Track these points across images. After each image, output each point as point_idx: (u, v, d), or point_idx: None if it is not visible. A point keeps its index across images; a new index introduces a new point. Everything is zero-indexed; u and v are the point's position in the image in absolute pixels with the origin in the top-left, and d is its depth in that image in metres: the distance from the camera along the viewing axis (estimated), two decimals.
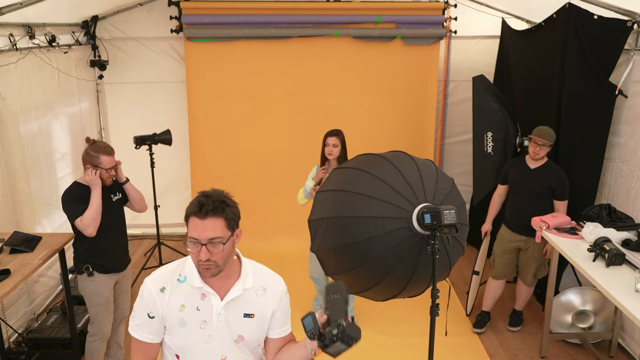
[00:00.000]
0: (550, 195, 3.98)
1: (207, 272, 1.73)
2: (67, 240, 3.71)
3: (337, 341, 1.63)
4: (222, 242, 1.70)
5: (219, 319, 1.80)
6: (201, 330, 1.80)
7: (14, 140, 4.14)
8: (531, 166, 4.05)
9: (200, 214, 1.68)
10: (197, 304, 1.80)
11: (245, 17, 5.36)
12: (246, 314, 1.83)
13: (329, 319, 1.69)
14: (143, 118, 5.75)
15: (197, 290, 1.80)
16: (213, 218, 1.68)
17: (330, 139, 3.92)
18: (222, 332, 1.81)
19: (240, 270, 1.85)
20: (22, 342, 3.97)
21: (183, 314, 1.79)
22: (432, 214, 2.10)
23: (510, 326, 4.38)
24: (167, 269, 1.86)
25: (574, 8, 4.03)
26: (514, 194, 4.20)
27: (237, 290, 1.81)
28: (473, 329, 4.36)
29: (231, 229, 1.74)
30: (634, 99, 3.93)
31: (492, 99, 4.81)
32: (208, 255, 1.69)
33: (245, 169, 5.79)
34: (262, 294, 1.86)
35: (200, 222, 1.68)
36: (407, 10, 5.45)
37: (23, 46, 4.16)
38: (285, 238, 5.74)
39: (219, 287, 1.81)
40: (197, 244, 1.68)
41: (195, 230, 1.69)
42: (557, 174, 3.98)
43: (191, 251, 1.72)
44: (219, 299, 1.80)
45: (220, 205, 1.70)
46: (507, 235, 4.20)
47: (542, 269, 4.17)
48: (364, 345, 4.11)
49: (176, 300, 1.79)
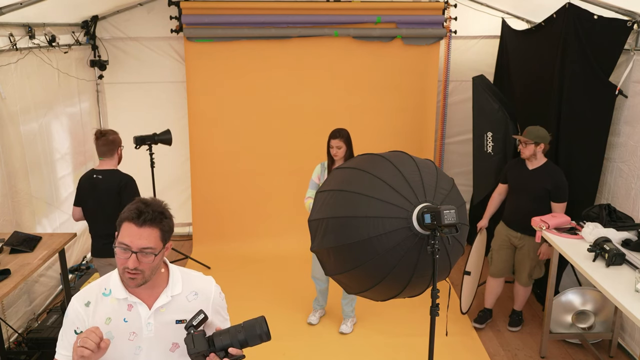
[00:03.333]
0: (547, 196, 3.96)
1: (132, 282, 1.68)
2: (67, 240, 3.72)
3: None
4: (153, 254, 1.66)
5: (149, 328, 1.76)
6: (130, 342, 1.76)
7: (14, 140, 4.14)
8: (529, 167, 4.04)
9: (137, 222, 1.63)
10: (124, 316, 1.76)
11: (245, 17, 5.36)
12: (178, 320, 1.79)
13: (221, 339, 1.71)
14: (143, 118, 5.75)
15: (122, 301, 1.76)
16: (150, 228, 1.64)
17: (333, 141, 3.89)
18: (154, 342, 1.77)
19: (167, 278, 1.82)
20: (22, 342, 3.97)
21: (110, 327, 1.75)
22: (432, 214, 2.09)
23: (510, 326, 4.38)
24: (92, 284, 1.82)
25: (574, 8, 4.03)
26: (513, 193, 4.21)
27: (165, 298, 1.78)
28: (473, 323, 4.39)
29: (164, 241, 1.70)
30: (634, 99, 3.93)
31: (492, 99, 4.81)
32: (136, 264, 1.64)
33: (245, 168, 5.79)
34: (193, 298, 1.82)
35: (136, 230, 1.63)
36: (407, 10, 5.45)
37: (23, 46, 4.16)
38: (286, 238, 5.74)
39: (146, 296, 1.77)
40: (127, 250, 1.64)
41: (128, 236, 1.64)
42: (554, 175, 3.95)
43: (118, 257, 1.67)
44: (147, 308, 1.76)
45: (159, 216, 1.66)
46: (504, 230, 4.22)
47: (537, 269, 4.17)
48: (364, 345, 4.13)
49: (101, 314, 1.76)
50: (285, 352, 4.00)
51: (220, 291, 1.91)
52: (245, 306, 4.05)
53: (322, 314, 4.50)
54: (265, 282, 5.12)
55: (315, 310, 4.46)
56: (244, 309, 3.05)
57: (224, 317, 1.94)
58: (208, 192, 5.80)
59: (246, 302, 4.49)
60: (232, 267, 5.40)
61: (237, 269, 5.38)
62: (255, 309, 4.59)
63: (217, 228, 5.83)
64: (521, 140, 3.97)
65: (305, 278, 4.91)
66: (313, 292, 4.60)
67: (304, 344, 4.14)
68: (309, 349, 4.08)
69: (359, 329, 4.35)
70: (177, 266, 1.89)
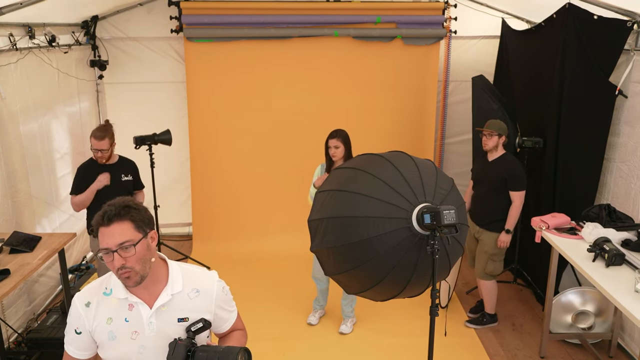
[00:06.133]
0: (504, 186, 4.05)
1: (129, 281, 1.68)
2: (67, 240, 3.72)
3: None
4: (132, 245, 1.66)
5: (151, 327, 1.77)
6: (132, 341, 1.77)
7: (14, 140, 4.14)
8: (490, 159, 4.18)
9: (104, 222, 1.65)
10: (125, 315, 1.77)
11: (245, 17, 5.36)
12: (180, 318, 1.80)
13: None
14: (143, 118, 5.75)
15: (123, 301, 1.78)
16: (118, 223, 1.66)
17: (331, 141, 3.90)
18: (156, 342, 1.78)
19: (167, 276, 1.82)
20: (21, 342, 3.97)
21: (111, 327, 1.77)
22: (432, 214, 2.09)
23: (467, 322, 4.42)
24: (94, 283, 1.84)
25: (574, 8, 4.03)
26: (475, 186, 4.35)
27: (165, 297, 1.78)
28: (468, 313, 4.54)
29: (142, 231, 1.70)
30: (634, 99, 3.93)
31: (492, 99, 4.81)
32: (122, 261, 1.65)
33: (245, 168, 5.79)
34: (195, 296, 1.83)
35: (107, 230, 1.65)
36: (407, 10, 5.45)
37: (23, 46, 4.16)
38: (286, 238, 5.74)
39: (147, 295, 1.79)
40: (108, 252, 1.65)
41: (103, 239, 1.65)
42: (509, 164, 4.07)
43: (107, 264, 1.68)
44: (148, 308, 1.77)
45: (124, 210, 1.67)
46: (470, 223, 4.31)
47: (490, 264, 4.20)
48: (364, 345, 4.13)
49: (102, 314, 1.77)
50: (285, 352, 4.00)
51: (224, 285, 1.92)
52: (245, 306, 4.04)
53: (322, 314, 4.50)
54: (265, 282, 5.12)
55: (315, 310, 4.46)
56: (244, 309, 3.05)
57: (229, 310, 1.95)
58: (208, 192, 5.80)
59: (246, 302, 4.49)
60: (232, 267, 5.40)
61: (237, 268, 5.38)
62: (256, 308, 4.59)
63: (217, 228, 5.83)
64: (485, 133, 4.10)
65: (305, 278, 4.91)
66: (313, 292, 4.60)
67: (304, 344, 4.14)
68: (309, 349, 4.08)
69: (358, 329, 4.35)
70: (177, 263, 1.89)
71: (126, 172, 4.07)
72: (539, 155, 4.59)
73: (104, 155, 3.89)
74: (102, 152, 3.88)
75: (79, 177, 3.96)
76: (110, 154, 3.94)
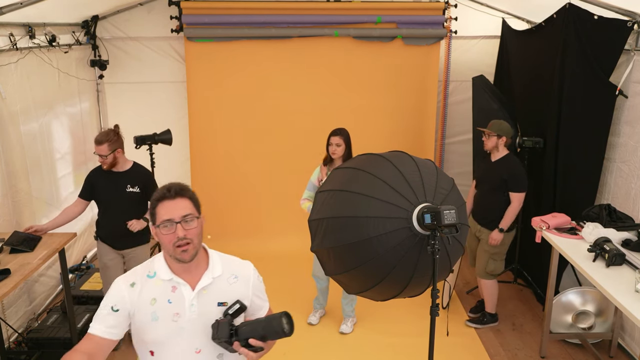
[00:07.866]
0: (504, 186, 4.06)
1: (185, 254, 1.75)
2: (67, 240, 3.72)
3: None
4: (195, 217, 1.77)
5: (192, 310, 1.81)
6: (174, 323, 1.80)
7: (14, 140, 4.14)
8: (492, 159, 4.18)
9: (170, 195, 1.75)
10: (169, 297, 1.81)
11: (245, 17, 5.36)
12: (220, 302, 1.85)
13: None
14: (143, 118, 5.75)
15: (167, 283, 1.82)
16: (182, 198, 1.77)
17: (333, 138, 3.93)
18: (196, 324, 1.81)
19: (207, 260, 1.89)
20: (22, 342, 3.97)
21: (154, 308, 1.80)
22: (432, 214, 2.10)
23: (468, 321, 4.43)
24: (136, 268, 1.89)
25: (574, 8, 4.03)
26: (477, 185, 4.35)
27: (207, 279, 1.84)
28: (468, 312, 4.54)
29: (198, 211, 1.81)
30: (634, 99, 3.93)
31: (492, 99, 4.81)
32: (184, 232, 1.73)
33: (245, 168, 5.79)
34: (234, 281, 1.89)
35: (172, 202, 1.75)
36: (408, 10, 5.46)
37: (23, 46, 4.16)
38: (286, 237, 5.74)
39: (189, 278, 1.83)
40: (171, 223, 1.74)
41: (167, 211, 1.74)
42: (510, 165, 4.07)
43: (165, 235, 1.75)
44: (190, 289, 1.82)
45: (184, 188, 1.80)
46: (470, 221, 4.32)
47: (491, 263, 4.21)
48: (364, 345, 4.13)
49: (147, 294, 1.81)
50: (285, 352, 4.00)
51: (259, 275, 2.00)
52: None
53: (322, 313, 4.50)
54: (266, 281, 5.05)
55: (315, 309, 4.46)
56: None
57: (264, 299, 2.02)
58: (208, 192, 5.80)
59: None
60: None
61: None
62: None
63: (217, 228, 5.83)
64: (485, 132, 4.11)
65: (306, 278, 4.91)
66: (313, 291, 4.60)
67: (304, 344, 4.14)
68: (309, 349, 4.08)
69: (359, 329, 4.35)
70: (214, 250, 1.95)
71: (133, 183, 3.81)
72: (539, 156, 4.59)
73: (104, 161, 3.73)
74: (102, 157, 3.73)
75: (86, 182, 3.86)
76: (112, 160, 3.73)
